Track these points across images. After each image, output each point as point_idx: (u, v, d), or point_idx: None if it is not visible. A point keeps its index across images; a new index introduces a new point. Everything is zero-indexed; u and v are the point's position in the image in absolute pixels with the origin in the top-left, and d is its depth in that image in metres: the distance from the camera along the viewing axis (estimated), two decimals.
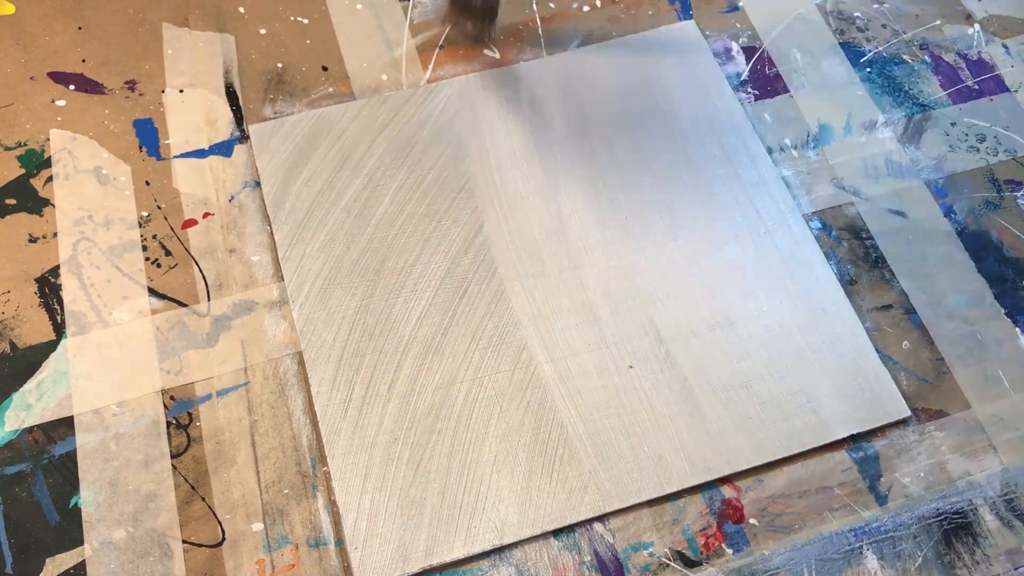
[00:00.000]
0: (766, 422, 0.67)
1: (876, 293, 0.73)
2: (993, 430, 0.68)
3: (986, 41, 0.87)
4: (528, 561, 0.62)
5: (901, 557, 0.64)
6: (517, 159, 0.77)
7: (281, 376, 0.68)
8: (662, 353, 0.69)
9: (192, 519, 0.63)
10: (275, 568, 0.61)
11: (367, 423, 0.66)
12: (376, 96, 0.79)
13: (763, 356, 0.69)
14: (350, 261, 0.72)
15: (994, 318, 0.73)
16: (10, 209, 0.73)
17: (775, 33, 0.85)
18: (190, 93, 0.79)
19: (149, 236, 0.72)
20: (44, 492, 0.63)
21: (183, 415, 0.66)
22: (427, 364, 0.68)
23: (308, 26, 0.83)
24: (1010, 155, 0.80)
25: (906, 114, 0.82)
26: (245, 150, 0.76)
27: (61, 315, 0.69)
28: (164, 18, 0.82)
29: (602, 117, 0.79)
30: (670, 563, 0.63)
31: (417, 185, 0.75)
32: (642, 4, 0.87)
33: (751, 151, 0.78)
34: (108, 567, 0.61)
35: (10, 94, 0.77)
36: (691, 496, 0.65)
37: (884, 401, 0.68)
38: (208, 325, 0.69)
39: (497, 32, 0.83)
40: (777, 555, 0.63)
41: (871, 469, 0.67)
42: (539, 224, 0.74)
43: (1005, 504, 0.66)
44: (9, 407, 0.65)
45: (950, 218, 0.77)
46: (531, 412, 0.66)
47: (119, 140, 0.76)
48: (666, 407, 0.67)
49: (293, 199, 0.74)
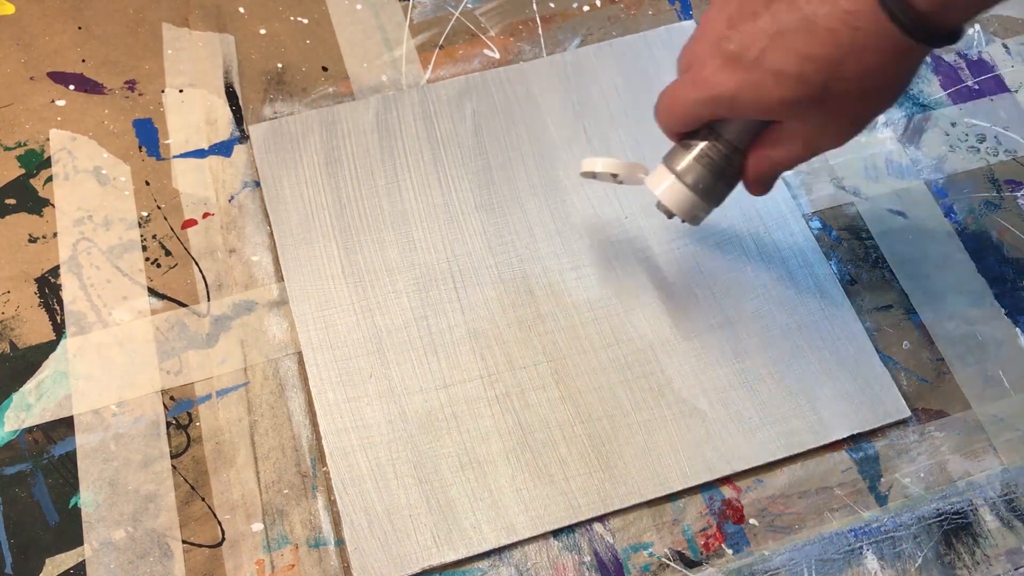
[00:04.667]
0: (766, 422, 0.67)
1: (876, 293, 0.73)
2: (993, 430, 0.68)
3: (986, 41, 0.87)
4: (528, 561, 0.62)
5: (901, 557, 0.64)
6: (517, 159, 0.77)
7: (281, 376, 0.68)
8: (662, 353, 0.69)
9: (192, 519, 0.63)
10: (275, 568, 0.61)
11: (367, 423, 0.66)
12: (376, 96, 0.79)
13: (763, 356, 0.69)
14: (350, 261, 0.72)
15: (994, 318, 0.73)
16: (10, 209, 0.73)
17: None
18: (190, 93, 0.79)
19: (149, 236, 0.72)
20: (44, 492, 0.63)
21: (183, 415, 0.66)
22: (428, 364, 0.68)
23: (308, 26, 0.83)
24: (1010, 155, 0.80)
25: (906, 114, 0.82)
26: (245, 150, 0.76)
27: (61, 315, 0.69)
28: (164, 18, 0.82)
29: (602, 117, 0.79)
30: (670, 563, 0.63)
31: (417, 185, 0.75)
32: (642, 4, 0.87)
33: None
34: (108, 567, 0.61)
35: (10, 94, 0.77)
36: (691, 496, 0.65)
37: (884, 401, 0.68)
38: (208, 325, 0.69)
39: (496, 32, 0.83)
40: (777, 555, 0.63)
41: (871, 469, 0.67)
42: (540, 223, 0.74)
43: (1005, 504, 0.66)
44: (9, 407, 0.65)
45: (950, 218, 0.77)
46: (531, 412, 0.66)
47: (119, 140, 0.76)
48: (666, 407, 0.67)
49: (293, 199, 0.74)
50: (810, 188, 0.78)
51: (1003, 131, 0.81)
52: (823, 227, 0.76)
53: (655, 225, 0.74)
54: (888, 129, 0.81)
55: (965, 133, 0.81)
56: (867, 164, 0.79)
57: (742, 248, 0.74)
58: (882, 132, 0.81)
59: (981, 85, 0.84)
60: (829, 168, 0.79)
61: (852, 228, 0.76)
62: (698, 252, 0.73)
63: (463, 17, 0.85)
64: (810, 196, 0.77)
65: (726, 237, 0.74)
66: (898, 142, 0.80)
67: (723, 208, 0.75)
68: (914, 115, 0.82)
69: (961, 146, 0.81)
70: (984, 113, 0.82)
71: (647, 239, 0.74)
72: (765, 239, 0.74)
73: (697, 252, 0.73)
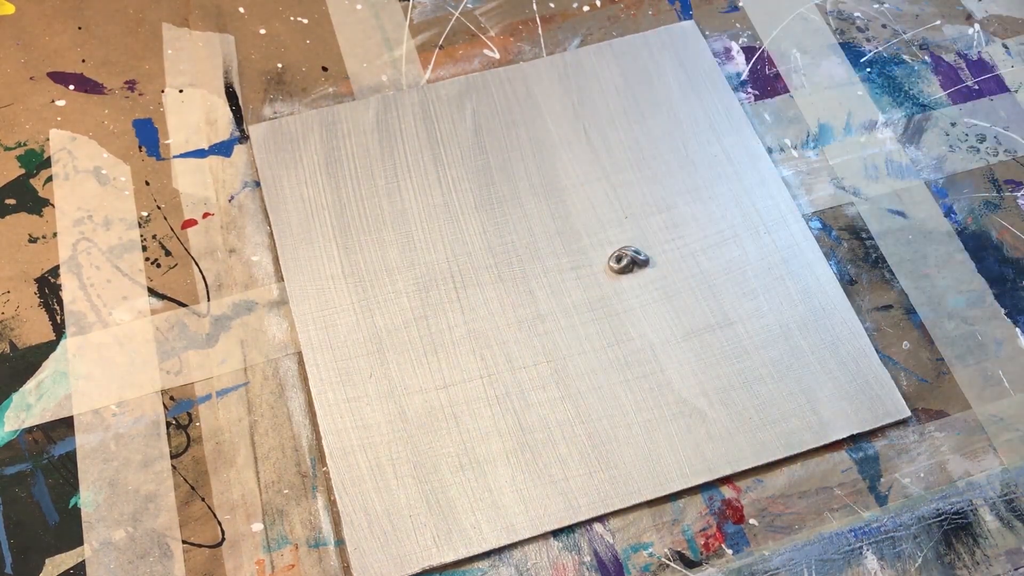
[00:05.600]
0: (766, 422, 0.67)
1: (876, 293, 0.73)
2: (993, 430, 0.68)
3: (986, 41, 0.87)
4: (528, 561, 0.62)
5: (901, 557, 0.64)
6: (517, 159, 0.77)
7: (281, 376, 0.68)
8: (662, 353, 0.69)
9: (192, 519, 0.63)
10: (275, 568, 0.61)
11: (367, 423, 0.66)
12: (376, 96, 0.79)
13: (763, 356, 0.69)
14: (350, 260, 0.72)
15: (994, 318, 0.73)
16: (10, 209, 0.73)
17: (775, 33, 0.85)
18: (190, 93, 0.79)
19: (149, 236, 0.72)
20: (44, 492, 0.63)
21: (183, 415, 0.66)
22: (427, 364, 0.68)
23: (308, 26, 0.83)
24: (1010, 155, 0.80)
25: (906, 114, 0.82)
26: (245, 150, 0.76)
27: (61, 315, 0.69)
28: (164, 18, 0.82)
29: (602, 117, 0.79)
30: (670, 563, 0.63)
31: (417, 185, 0.75)
32: (642, 4, 0.87)
33: (751, 151, 0.78)
34: (108, 567, 0.61)
35: (10, 94, 0.77)
36: (691, 496, 0.65)
37: (884, 401, 0.68)
38: (208, 325, 0.69)
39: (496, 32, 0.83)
40: (777, 555, 0.63)
41: (871, 469, 0.67)
42: (540, 223, 0.74)
43: (1005, 504, 0.66)
44: (9, 407, 0.65)
45: (950, 218, 0.77)
46: (531, 412, 0.66)
47: (119, 140, 0.76)
48: (666, 407, 0.67)
49: (293, 199, 0.74)
50: (810, 188, 0.78)
51: (1003, 131, 0.81)
52: (823, 227, 0.76)
53: (655, 225, 0.74)
54: (888, 129, 0.81)
55: (965, 133, 0.81)
56: (867, 164, 0.79)
57: (742, 248, 0.74)
58: (882, 132, 0.81)
59: (981, 85, 0.84)
60: (829, 168, 0.79)
61: (852, 228, 0.76)
62: (698, 252, 0.73)
63: (463, 17, 0.85)
64: (810, 196, 0.77)
65: (726, 237, 0.74)
66: (898, 142, 0.80)
67: (723, 208, 0.76)
68: (914, 115, 0.82)
69: (961, 146, 0.81)
70: (984, 113, 0.82)
71: (647, 239, 0.74)
72: (765, 239, 0.74)
73: (697, 252, 0.73)
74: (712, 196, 0.76)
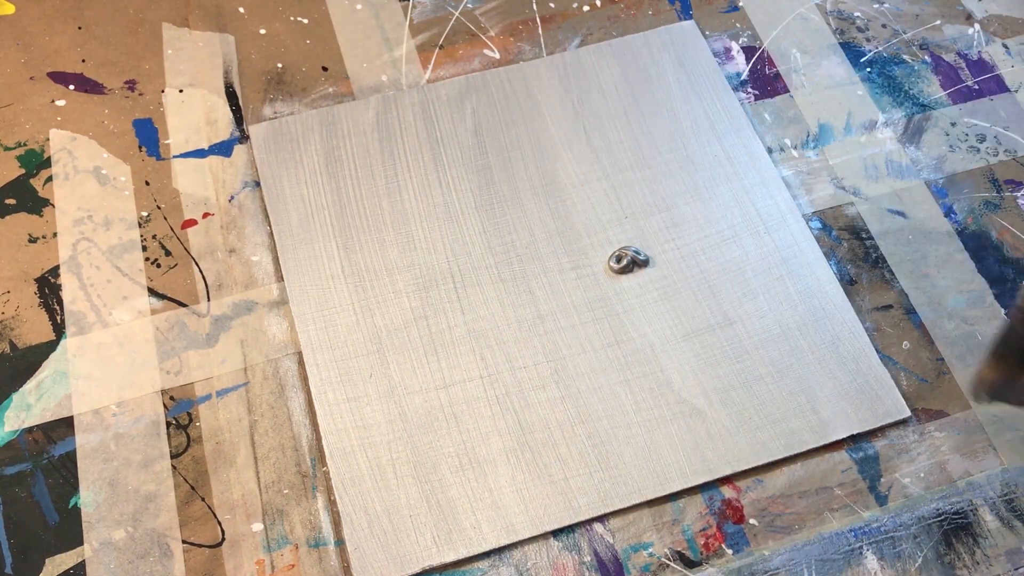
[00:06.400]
0: (766, 422, 0.67)
1: (876, 293, 0.73)
2: (993, 430, 0.68)
3: (986, 41, 0.87)
4: (528, 561, 0.62)
5: (901, 557, 0.64)
6: (517, 159, 0.77)
7: (281, 376, 0.68)
8: (662, 353, 0.69)
9: (192, 519, 0.63)
10: (275, 568, 0.61)
11: (367, 423, 0.66)
12: (376, 96, 0.79)
13: (763, 356, 0.69)
14: (350, 260, 0.72)
15: (994, 318, 0.73)
16: (10, 209, 0.73)
17: (775, 33, 0.85)
18: (190, 93, 0.79)
19: (149, 236, 0.72)
20: (44, 492, 0.63)
21: (183, 415, 0.66)
22: (427, 364, 0.68)
23: (308, 26, 0.83)
24: (1010, 155, 0.80)
25: (906, 114, 0.82)
26: (245, 150, 0.76)
27: (61, 315, 0.69)
28: (164, 18, 0.82)
29: (602, 117, 0.79)
30: (670, 563, 0.63)
31: (417, 185, 0.75)
32: (642, 4, 0.87)
33: (751, 151, 0.78)
34: (108, 567, 0.61)
35: (10, 94, 0.77)
36: (691, 496, 0.65)
37: (884, 401, 0.68)
38: (208, 325, 0.69)
39: (498, 32, 0.83)
40: (777, 555, 0.63)
41: (871, 469, 0.67)
42: (540, 223, 0.74)
43: (1005, 504, 0.66)
44: (9, 407, 0.65)
45: (950, 218, 0.77)
46: (531, 412, 0.66)
47: (119, 140, 0.76)
48: (666, 407, 0.67)
49: (293, 199, 0.74)
50: (810, 188, 0.78)
51: (1003, 131, 0.81)
52: (823, 227, 0.76)
53: (655, 225, 0.74)
54: (888, 129, 0.81)
55: (965, 133, 0.81)
56: (867, 164, 0.79)
57: (742, 248, 0.74)
58: (882, 132, 0.81)
59: (981, 85, 0.84)
60: (829, 168, 0.79)
61: (852, 228, 0.76)
62: (698, 252, 0.73)
63: (463, 17, 0.85)
64: (810, 196, 0.77)
65: (726, 237, 0.74)
66: (898, 142, 0.80)
67: (723, 208, 0.76)
68: (914, 115, 0.82)
69: (961, 146, 0.81)
70: (984, 113, 0.82)
71: (647, 239, 0.74)
72: (765, 239, 0.74)
73: (697, 252, 0.73)
74: (712, 196, 0.76)
